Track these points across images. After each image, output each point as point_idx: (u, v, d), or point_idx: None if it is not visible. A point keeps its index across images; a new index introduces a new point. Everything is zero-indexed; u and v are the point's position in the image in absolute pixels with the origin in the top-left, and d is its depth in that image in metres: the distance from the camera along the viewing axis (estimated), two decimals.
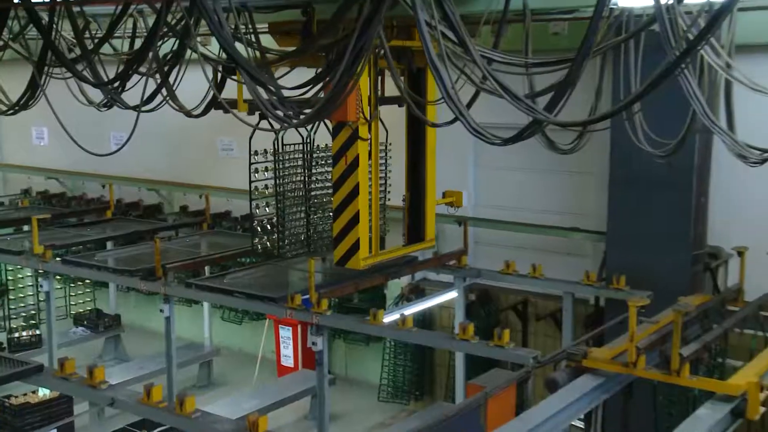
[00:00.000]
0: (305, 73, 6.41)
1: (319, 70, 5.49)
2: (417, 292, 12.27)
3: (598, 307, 10.79)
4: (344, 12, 4.00)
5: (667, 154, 6.54)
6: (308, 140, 10.17)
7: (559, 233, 11.92)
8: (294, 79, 6.31)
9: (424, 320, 12.43)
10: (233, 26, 5.80)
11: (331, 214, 9.77)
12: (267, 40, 9.00)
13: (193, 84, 7.30)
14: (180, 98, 7.45)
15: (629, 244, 10.05)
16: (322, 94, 5.74)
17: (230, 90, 8.05)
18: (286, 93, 5.66)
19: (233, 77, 6.83)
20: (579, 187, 12.04)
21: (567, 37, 9.78)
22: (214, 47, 8.05)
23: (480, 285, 11.84)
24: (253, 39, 7.90)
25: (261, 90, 5.29)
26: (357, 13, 4.10)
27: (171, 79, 6.76)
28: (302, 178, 10.18)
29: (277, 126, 6.58)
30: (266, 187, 9.99)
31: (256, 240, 9.98)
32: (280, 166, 9.87)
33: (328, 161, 10.06)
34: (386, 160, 10.18)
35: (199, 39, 6.30)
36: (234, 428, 6.54)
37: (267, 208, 10.03)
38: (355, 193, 8.94)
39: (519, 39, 6.76)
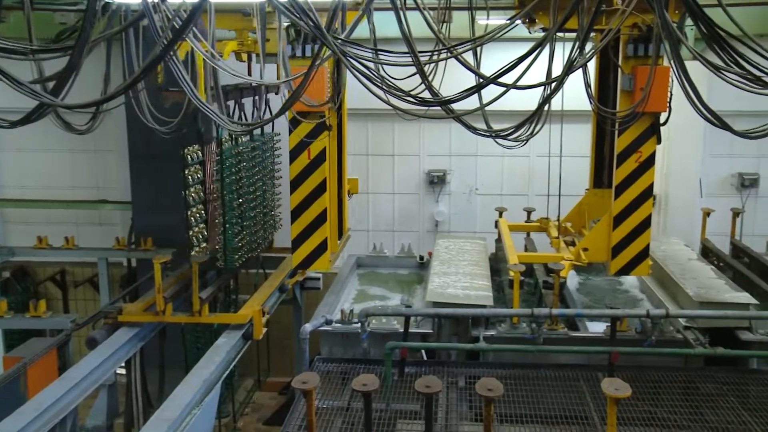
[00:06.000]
0: None
1: None
2: None
3: (131, 267, 10.60)
4: None
5: (172, 131, 6.59)
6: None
7: (89, 206, 11.47)
8: None
9: None
10: None
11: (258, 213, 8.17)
12: None
13: None
14: None
15: (153, 210, 9.99)
16: None
17: None
18: None
19: None
20: (103, 164, 11.66)
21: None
22: None
23: (14, 262, 10.84)
24: None
25: None
26: None
27: None
28: (237, 179, 7.82)
29: None
30: (197, 191, 7.38)
31: (194, 252, 7.30)
32: (216, 168, 7.44)
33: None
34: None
35: None
36: None
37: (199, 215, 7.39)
38: (321, 189, 7.11)
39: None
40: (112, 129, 10.55)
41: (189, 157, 7.04)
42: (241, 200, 7.78)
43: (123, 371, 7.49)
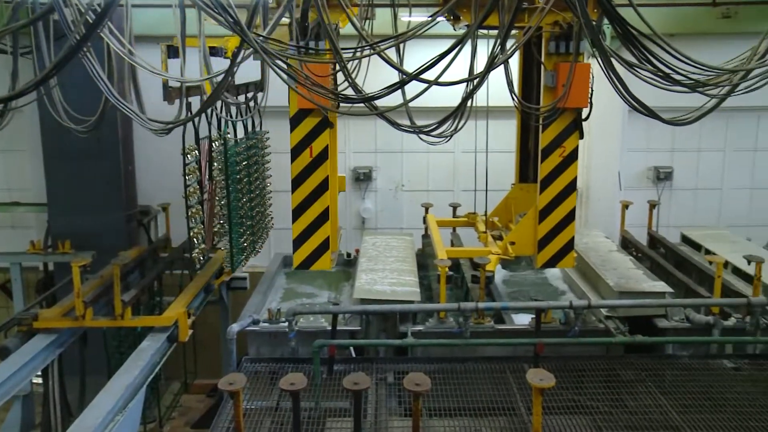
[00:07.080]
0: None
1: None
2: None
3: (48, 272, 10.22)
4: None
5: (89, 129, 6.37)
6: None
7: (0, 209, 11.02)
8: None
9: None
10: None
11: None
12: None
13: None
14: None
15: (70, 212, 9.68)
16: None
17: None
18: None
19: None
20: (14, 164, 11.20)
21: None
22: None
23: None
24: None
25: None
26: None
27: None
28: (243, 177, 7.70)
29: None
30: (195, 191, 7.12)
31: (194, 254, 7.07)
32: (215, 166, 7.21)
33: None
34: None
35: None
36: None
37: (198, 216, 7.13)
38: (323, 187, 6.82)
39: None
40: (24, 127, 10.17)
41: (187, 156, 6.94)
42: (245, 199, 7.70)
43: (40, 380, 7.23)
